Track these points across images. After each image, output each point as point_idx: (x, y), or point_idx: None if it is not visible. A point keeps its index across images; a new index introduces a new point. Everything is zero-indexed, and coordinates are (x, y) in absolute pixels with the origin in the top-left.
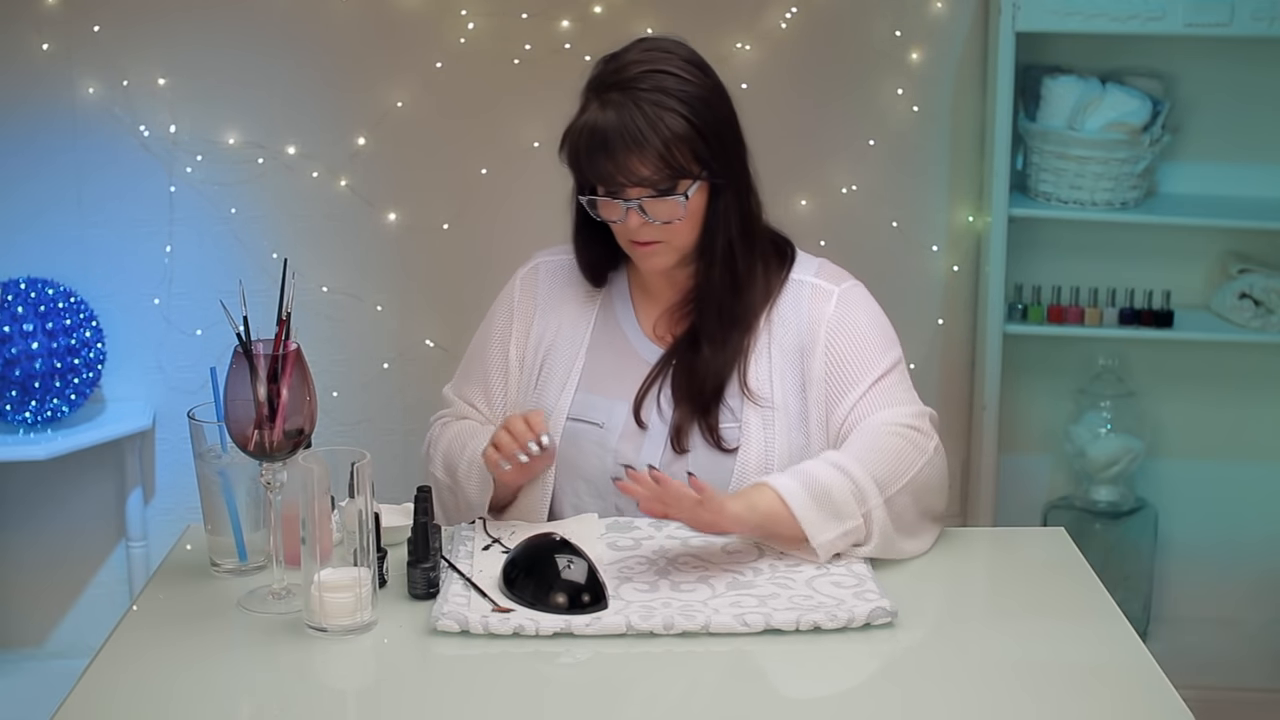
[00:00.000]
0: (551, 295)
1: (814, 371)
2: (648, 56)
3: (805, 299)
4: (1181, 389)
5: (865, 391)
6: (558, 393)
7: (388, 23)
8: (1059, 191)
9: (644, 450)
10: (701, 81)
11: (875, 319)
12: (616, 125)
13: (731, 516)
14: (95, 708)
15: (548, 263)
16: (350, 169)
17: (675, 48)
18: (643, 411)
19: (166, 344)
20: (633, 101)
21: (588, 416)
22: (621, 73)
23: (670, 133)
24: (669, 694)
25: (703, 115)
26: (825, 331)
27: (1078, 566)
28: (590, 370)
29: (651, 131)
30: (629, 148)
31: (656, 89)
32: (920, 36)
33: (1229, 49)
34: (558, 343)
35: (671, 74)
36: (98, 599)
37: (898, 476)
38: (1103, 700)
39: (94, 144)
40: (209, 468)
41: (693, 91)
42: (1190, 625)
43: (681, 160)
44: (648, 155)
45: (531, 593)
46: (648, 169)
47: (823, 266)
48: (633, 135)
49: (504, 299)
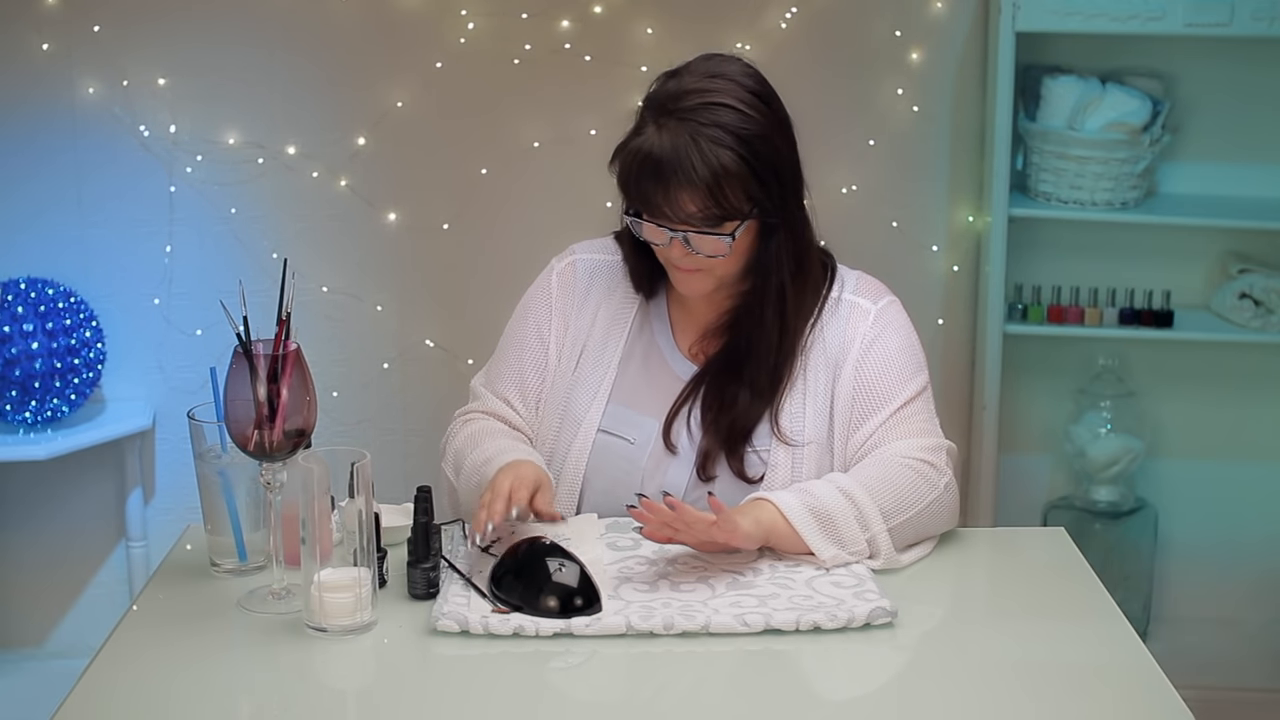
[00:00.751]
0: (590, 294)
1: (841, 390)
2: (711, 85)
3: (843, 317)
4: (1181, 389)
5: (887, 419)
6: (589, 401)
7: (388, 23)
8: (1059, 191)
9: (670, 473)
10: (763, 116)
11: (907, 342)
12: (670, 156)
13: (744, 535)
14: (95, 708)
15: (586, 260)
16: (350, 169)
17: (740, 75)
18: (672, 433)
19: (166, 344)
20: (689, 134)
21: (619, 431)
22: (681, 99)
23: (724, 171)
24: (669, 694)
25: (760, 154)
26: (857, 351)
27: (1078, 566)
28: (623, 382)
29: (705, 168)
30: (680, 182)
31: (715, 124)
32: (920, 36)
33: (1229, 49)
34: (591, 345)
35: (732, 108)
36: (98, 599)
37: (904, 509)
38: (1103, 700)
39: (94, 144)
40: (209, 468)
41: (753, 130)
42: (1190, 625)
43: (732, 199)
44: (698, 192)
45: (520, 595)
46: (695, 205)
47: (861, 280)
48: (685, 170)
49: (540, 292)
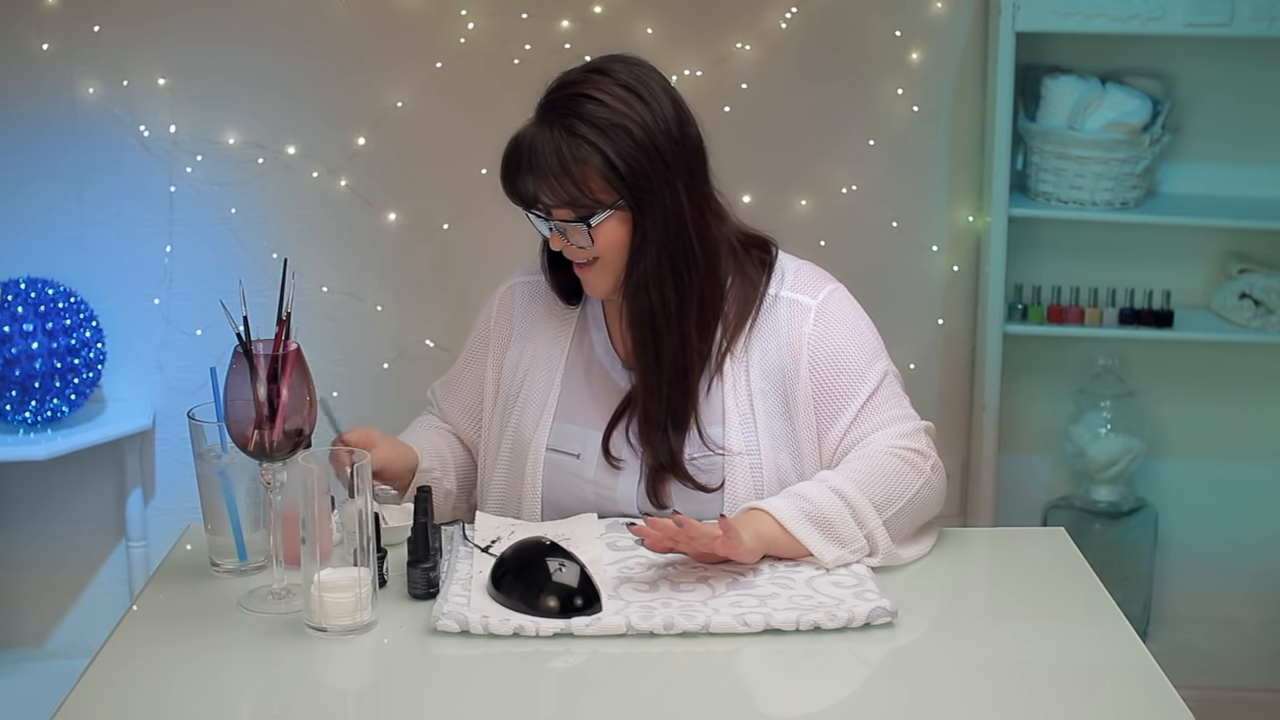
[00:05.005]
0: (528, 317)
1: (799, 394)
2: (584, 78)
3: (783, 317)
4: (1181, 389)
5: (857, 413)
6: (535, 421)
7: (388, 23)
8: (1059, 191)
9: (620, 484)
10: (628, 107)
11: (856, 332)
12: (529, 147)
13: (745, 550)
14: (95, 708)
15: (523, 283)
16: (350, 169)
17: (617, 69)
18: (611, 447)
19: (166, 344)
20: (547, 125)
21: (564, 447)
22: (556, 91)
23: (573, 159)
24: (669, 694)
25: (618, 143)
26: (807, 353)
27: (1078, 566)
28: (566, 397)
29: (555, 158)
30: (534, 171)
31: (573, 114)
32: (920, 36)
33: (1229, 49)
34: (534, 367)
35: (595, 99)
36: (98, 599)
37: (895, 499)
38: (1103, 700)
39: (94, 144)
40: (209, 468)
41: (612, 119)
42: (1190, 625)
43: (591, 189)
44: (550, 181)
45: (520, 595)
46: (550, 195)
47: (800, 273)
48: (539, 160)
49: (481, 320)
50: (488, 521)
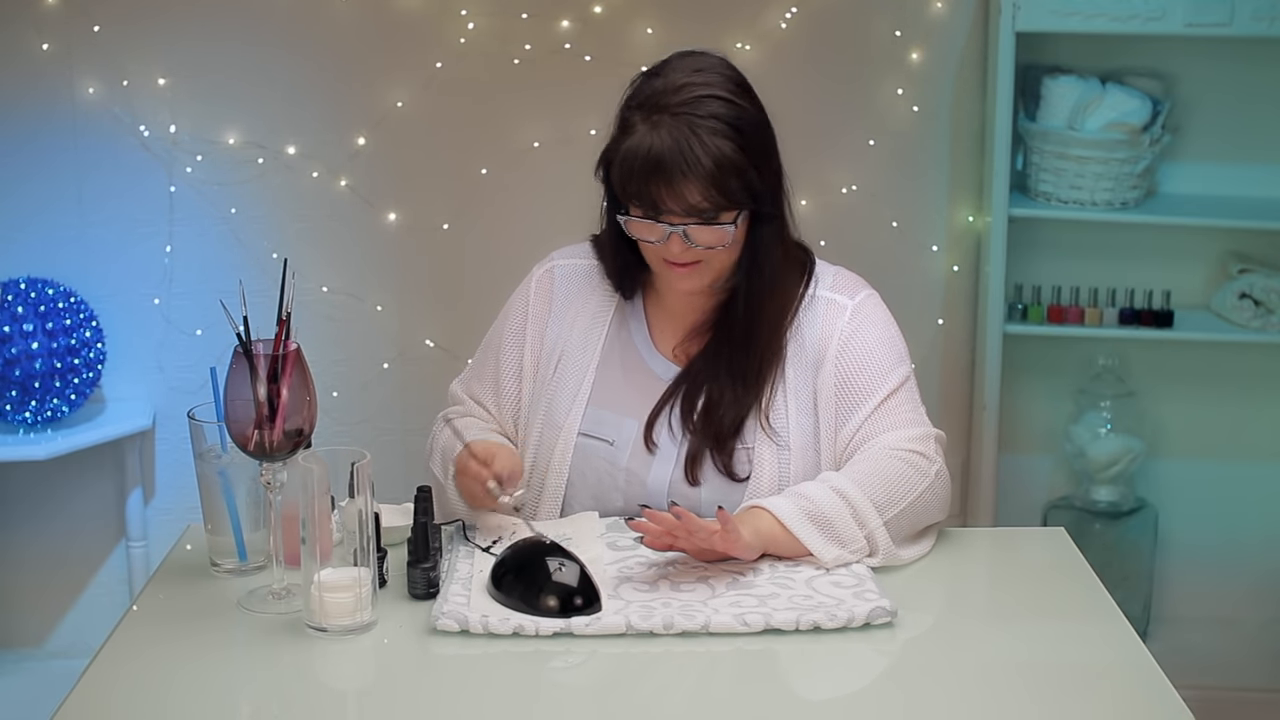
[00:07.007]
0: (567, 300)
1: (824, 386)
2: (699, 79)
3: (820, 314)
4: (1181, 389)
5: (872, 411)
6: (568, 405)
7: (388, 23)
8: (1059, 191)
9: (653, 470)
10: (752, 106)
11: (886, 334)
12: (672, 151)
13: (744, 546)
14: (95, 708)
15: (564, 266)
16: (350, 169)
17: (722, 67)
18: (654, 433)
19: (166, 344)
20: (687, 127)
21: (598, 433)
22: (671, 95)
23: (726, 160)
24: (669, 694)
25: (754, 143)
26: (836, 347)
27: (1078, 566)
28: (601, 384)
29: (709, 158)
30: (685, 175)
31: (711, 115)
32: (920, 36)
33: (1229, 49)
34: (569, 350)
35: (723, 99)
36: (98, 599)
37: (897, 501)
38: (1103, 700)
39: (94, 144)
40: (209, 468)
41: (746, 119)
42: (1190, 625)
43: (734, 189)
44: (702, 183)
45: (520, 594)
46: (699, 197)
47: (839, 276)
48: (689, 163)
49: (519, 299)
50: (489, 521)
